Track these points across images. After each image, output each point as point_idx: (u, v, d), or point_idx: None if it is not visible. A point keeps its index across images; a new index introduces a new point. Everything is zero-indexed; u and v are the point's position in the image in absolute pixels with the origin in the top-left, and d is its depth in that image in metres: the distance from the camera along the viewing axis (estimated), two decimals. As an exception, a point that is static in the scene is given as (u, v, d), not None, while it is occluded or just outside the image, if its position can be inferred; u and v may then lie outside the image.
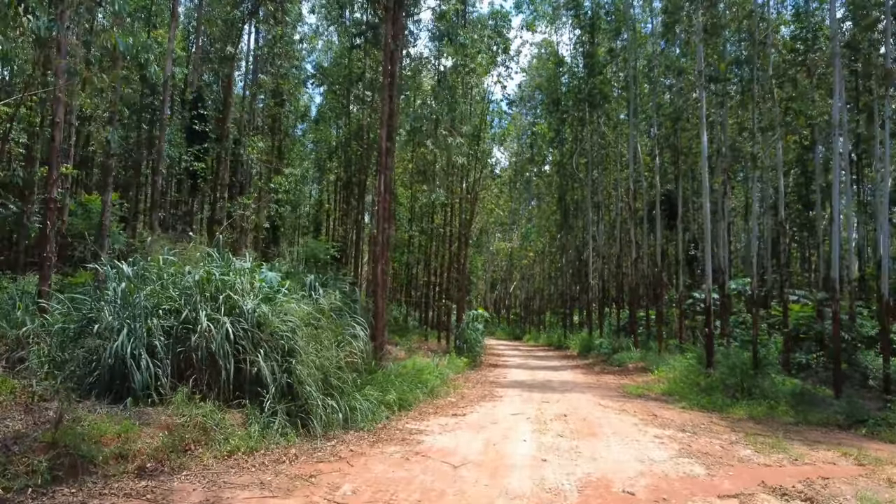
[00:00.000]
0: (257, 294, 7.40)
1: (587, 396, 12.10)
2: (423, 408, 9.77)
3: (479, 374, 16.64)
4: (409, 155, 25.86)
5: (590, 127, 27.22)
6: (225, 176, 14.83)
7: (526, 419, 9.12)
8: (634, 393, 13.07)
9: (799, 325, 16.62)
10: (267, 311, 7.13)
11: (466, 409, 10.06)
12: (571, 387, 13.84)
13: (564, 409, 10.21)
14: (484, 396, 11.81)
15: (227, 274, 7.36)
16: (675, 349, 19.12)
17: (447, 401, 10.86)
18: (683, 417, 10.12)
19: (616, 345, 21.36)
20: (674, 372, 15.00)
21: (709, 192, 14.16)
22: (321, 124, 26.69)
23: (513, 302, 57.42)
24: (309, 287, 8.99)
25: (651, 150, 25.25)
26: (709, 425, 9.52)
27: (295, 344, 7.12)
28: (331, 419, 7.18)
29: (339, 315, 8.77)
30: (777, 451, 7.76)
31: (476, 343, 19.36)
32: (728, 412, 10.94)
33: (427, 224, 25.80)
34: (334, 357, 7.65)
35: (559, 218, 35.04)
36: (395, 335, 22.52)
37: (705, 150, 14.10)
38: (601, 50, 26.03)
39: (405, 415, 8.95)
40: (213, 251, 8.06)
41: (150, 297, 6.91)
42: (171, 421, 6.03)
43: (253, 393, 6.87)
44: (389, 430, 7.80)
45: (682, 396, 12.49)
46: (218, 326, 6.71)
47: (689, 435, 8.54)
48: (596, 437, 7.96)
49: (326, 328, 7.83)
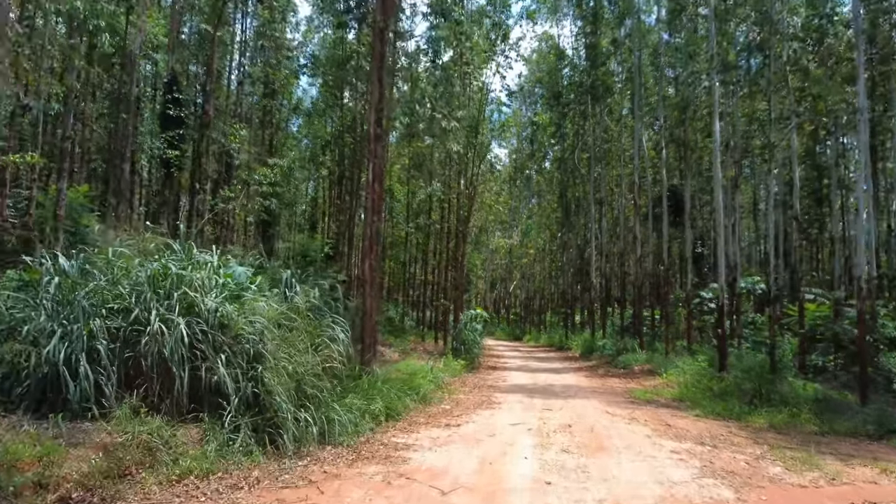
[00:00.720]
0: (221, 291, 6.50)
1: (592, 403, 11.21)
2: (414, 417, 8.88)
3: (477, 377, 15.75)
4: (406, 150, 25.01)
5: (592, 120, 26.33)
6: (207, 167, 13.94)
7: (527, 430, 8.23)
8: (643, 398, 12.18)
9: (816, 325, 15.73)
10: (231, 310, 6.24)
11: (461, 418, 9.16)
12: (575, 392, 12.95)
13: (569, 418, 9.32)
14: (481, 403, 10.92)
15: (187, 268, 6.46)
16: (682, 351, 18.24)
17: (441, 408, 9.97)
18: (699, 427, 9.22)
19: (620, 346, 20.46)
20: (684, 375, 14.12)
21: (721, 183, 13.27)
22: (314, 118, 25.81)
23: (513, 302, 56.51)
24: (285, 284, 8.12)
25: (656, 144, 24.36)
26: (728, 436, 8.63)
27: (263, 348, 6.23)
28: (304, 434, 6.29)
29: (319, 315, 7.87)
30: (810, 469, 6.87)
31: (474, 344, 18.47)
32: (746, 420, 10.05)
33: (424, 220, 24.90)
34: (310, 362, 6.76)
35: (560, 215, 34.15)
36: (390, 336, 21.63)
37: (717, 140, 13.22)
38: (604, 41, 25.12)
39: (392, 426, 8.06)
40: (175, 243, 7.16)
41: (92, 294, 6.02)
42: (109, 440, 5.14)
43: (213, 405, 5.99)
44: (372, 445, 6.91)
45: (694, 402, 11.60)
46: (172, 328, 5.82)
47: (709, 449, 7.64)
48: (605, 453, 7.07)
49: (302, 330, 6.94)
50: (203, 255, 7.00)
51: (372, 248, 10.91)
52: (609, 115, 26.17)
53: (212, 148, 13.98)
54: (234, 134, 13.43)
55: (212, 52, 13.45)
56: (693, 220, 22.26)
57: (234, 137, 13.44)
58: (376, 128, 11.05)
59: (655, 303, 23.81)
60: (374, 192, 10.95)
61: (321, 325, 7.33)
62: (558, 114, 30.11)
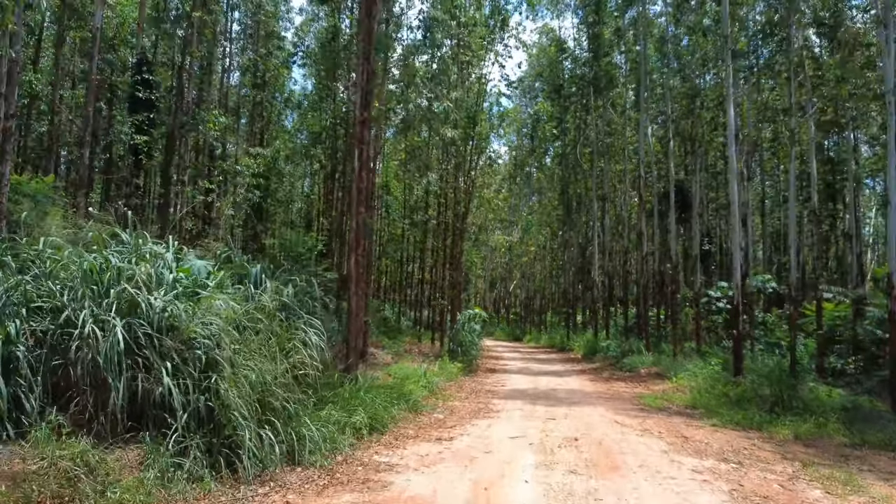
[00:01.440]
0: (172, 288, 5.60)
1: (599, 411, 10.29)
2: (402, 429, 7.96)
3: (475, 381, 14.84)
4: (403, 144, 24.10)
5: (595, 113, 25.42)
6: (185, 156, 13.02)
7: (528, 445, 7.31)
8: (653, 405, 11.26)
9: (835, 325, 14.82)
10: (182, 310, 5.33)
11: (455, 429, 8.25)
12: (580, 397, 12.04)
13: (574, 430, 8.41)
14: (478, 411, 10.01)
15: (132, 261, 5.55)
16: (691, 353, 17.33)
17: (433, 418, 9.06)
18: (719, 439, 8.31)
19: (625, 347, 19.55)
20: (695, 380, 13.21)
21: (736, 172, 12.37)
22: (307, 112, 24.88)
23: (513, 301, 55.59)
24: (254, 280, 7.21)
25: (662, 138, 23.46)
26: (753, 451, 7.72)
27: (219, 354, 5.32)
28: (268, 455, 5.37)
29: (293, 316, 6.96)
30: (853, 492, 5.97)
31: (472, 346, 17.57)
32: (768, 430, 9.13)
33: (420, 216, 23.98)
34: (278, 370, 5.85)
35: (561, 213, 33.23)
36: (384, 337, 20.75)
37: (732, 126, 12.31)
38: (607, 31, 24.20)
39: (376, 440, 7.14)
40: (124, 232, 6.24)
41: (11, 290, 5.11)
42: (21, 467, 4.23)
43: (159, 422, 5.08)
44: (350, 466, 5.99)
45: (709, 410, 10.68)
46: (108, 330, 4.91)
47: (734, 467, 6.73)
48: (619, 474, 6.16)
49: (268, 333, 6.03)
50: (154, 246, 6.08)
51: (358, 242, 10.01)
52: (612, 108, 25.26)
53: (191, 136, 13.06)
54: (214, 121, 12.52)
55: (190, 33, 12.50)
56: (700, 217, 21.35)
57: (214, 125, 12.53)
58: (363, 111, 10.14)
59: (661, 302, 22.91)
60: (362, 181, 10.05)
61: (293, 327, 6.41)
62: (559, 107, 29.24)
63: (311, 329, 6.43)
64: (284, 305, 6.71)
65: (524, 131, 41.15)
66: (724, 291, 20.44)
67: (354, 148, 9.35)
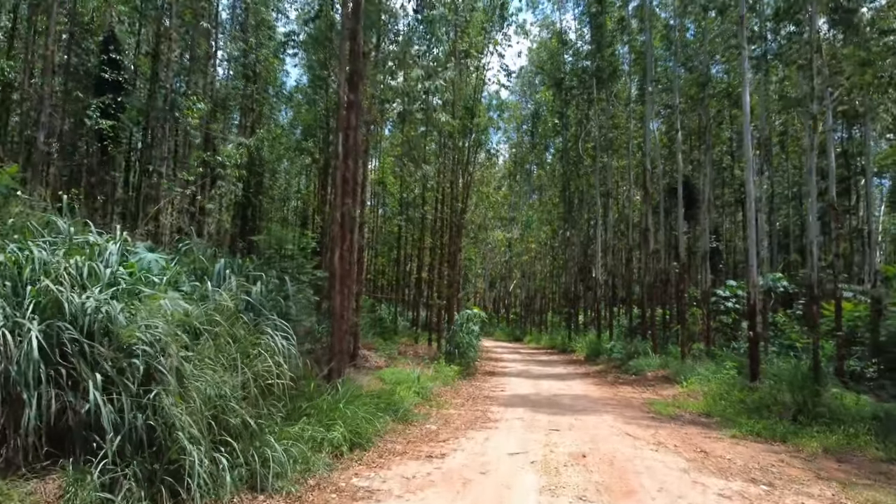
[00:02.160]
0: (112, 284, 4.75)
1: (608, 420, 9.44)
2: (389, 443, 7.11)
3: (473, 385, 14.00)
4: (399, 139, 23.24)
5: (597, 106, 24.56)
6: (164, 147, 12.13)
7: (530, 464, 6.46)
8: (664, 413, 10.41)
9: (855, 326, 13.97)
10: (119, 311, 4.48)
11: (448, 444, 7.40)
12: (585, 404, 11.18)
13: (582, 443, 7.56)
14: (475, 421, 9.16)
15: (62, 253, 4.70)
16: (701, 355, 16.47)
17: (424, 429, 8.21)
18: (742, 454, 7.46)
19: (631, 349, 18.69)
20: (708, 384, 12.36)
21: (752, 161, 11.52)
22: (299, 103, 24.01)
23: (512, 301, 54.73)
24: (217, 276, 6.35)
25: (668, 130, 22.62)
26: (782, 468, 6.87)
27: (164, 364, 4.47)
28: (222, 482, 4.52)
29: (262, 318, 6.11)
30: (908, 521, 5.13)
31: (469, 347, 16.71)
32: (794, 443, 8.28)
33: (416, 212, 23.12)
34: (238, 381, 5.00)
35: (563, 210, 32.37)
36: (379, 338, 19.89)
37: (748, 112, 11.46)
38: (610, 20, 23.35)
39: (358, 459, 6.29)
40: (62, 219, 5.39)
41: None
42: None
43: (87, 446, 4.23)
44: (322, 492, 5.14)
45: (726, 418, 9.85)
46: (21, 336, 4.07)
47: (765, 490, 5.89)
48: (635, 500, 5.31)
49: (228, 337, 5.18)
50: (95, 237, 5.23)
51: (344, 236, 9.16)
52: (616, 99, 24.41)
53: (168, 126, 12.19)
54: (191, 108, 11.66)
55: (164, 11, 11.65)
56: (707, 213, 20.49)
57: (192, 111, 11.68)
58: (351, 93, 9.30)
59: (667, 302, 22.07)
60: (347, 170, 9.20)
61: (260, 330, 5.56)
62: (561, 101, 28.41)
63: (279, 333, 5.56)
64: (252, 306, 5.85)
65: (524, 128, 40.37)
66: (732, 290, 19.61)
67: (339, 131, 8.50)
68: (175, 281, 5.50)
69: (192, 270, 6.24)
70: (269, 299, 6.58)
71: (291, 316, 6.80)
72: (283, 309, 6.77)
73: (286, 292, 7.27)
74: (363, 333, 18.13)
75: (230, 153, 11.42)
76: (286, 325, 5.76)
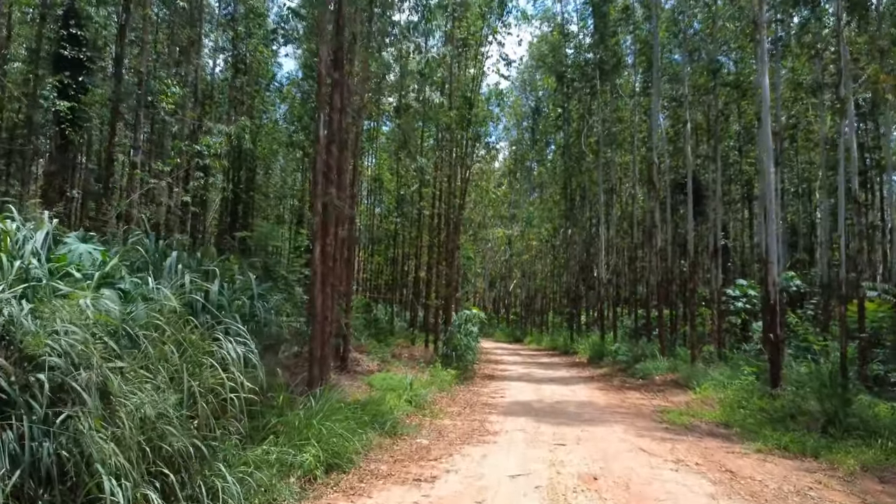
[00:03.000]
0: (21, 281, 3.89)
1: (618, 432, 8.57)
2: (372, 463, 6.25)
3: (471, 390, 13.14)
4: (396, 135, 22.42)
5: (601, 99, 23.70)
6: (138, 135, 11.29)
7: (534, 489, 5.59)
8: (679, 423, 9.54)
9: (880, 327, 13.10)
10: (24, 313, 3.62)
11: (440, 462, 6.53)
12: (592, 413, 10.31)
13: (591, 461, 6.69)
14: (471, 433, 8.29)
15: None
16: (712, 358, 15.60)
17: (415, 445, 7.34)
18: (773, 474, 6.60)
19: (637, 352, 17.83)
20: (724, 391, 11.49)
21: (771, 150, 10.67)
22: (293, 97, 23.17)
23: (513, 301, 53.86)
24: (169, 271, 5.47)
25: (675, 123, 21.76)
26: (820, 492, 6.01)
27: (83, 379, 3.61)
28: (155, 525, 3.65)
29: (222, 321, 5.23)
30: None
31: (467, 350, 15.85)
32: (828, 459, 7.40)
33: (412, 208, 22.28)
34: (185, 397, 4.14)
35: (564, 208, 31.51)
36: (373, 340, 19.02)
37: (766, 96, 10.59)
38: (614, 9, 22.49)
39: (334, 484, 5.42)
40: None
41: None
42: None
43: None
44: (285, 531, 4.29)
45: (746, 429, 8.98)
46: None
47: (810, 522, 5.03)
48: (661, 539, 4.45)
49: (175, 345, 4.32)
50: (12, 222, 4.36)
51: (327, 230, 8.30)
52: (620, 91, 23.54)
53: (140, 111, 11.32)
54: (165, 92, 10.79)
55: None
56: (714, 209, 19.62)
57: (166, 96, 10.81)
58: (334, 72, 8.44)
59: (673, 302, 21.22)
60: (331, 156, 8.35)
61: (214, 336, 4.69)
62: (562, 95, 27.57)
63: (231, 340, 4.68)
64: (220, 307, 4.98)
65: (524, 125, 39.50)
66: (743, 290, 18.75)
67: (318, 112, 7.63)
68: (112, 277, 4.65)
69: (141, 265, 5.37)
70: (232, 299, 5.73)
71: (260, 318, 5.96)
72: (250, 311, 5.93)
73: (251, 292, 6.39)
74: (356, 335, 17.28)
75: (209, 142, 10.56)
76: (242, 329, 4.88)
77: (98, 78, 12.00)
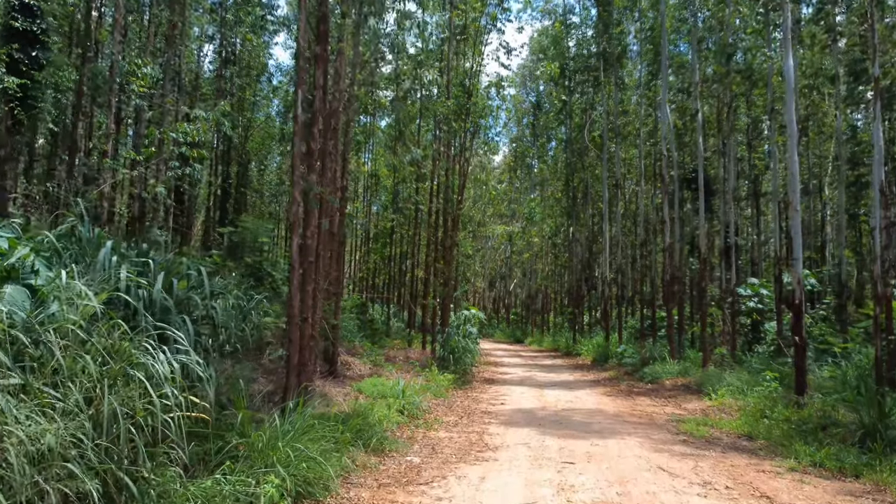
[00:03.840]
0: None
1: (632, 446, 7.69)
2: (353, 489, 5.38)
3: (469, 396, 12.28)
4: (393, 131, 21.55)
5: (605, 90, 22.83)
6: (111, 123, 10.42)
7: (541, 524, 4.72)
8: (699, 435, 8.67)
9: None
10: None
11: (432, 487, 5.66)
12: (602, 423, 9.43)
13: (606, 486, 5.81)
14: (469, 448, 7.41)
15: None
16: (724, 361, 14.74)
17: (404, 464, 6.47)
18: (813, 497, 5.74)
19: (644, 354, 16.96)
20: (743, 398, 10.63)
21: (796, 135, 9.80)
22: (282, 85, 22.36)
23: (513, 301, 52.99)
24: (102, 264, 4.59)
25: (681, 116, 20.90)
26: (877, 523, 5.14)
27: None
28: None
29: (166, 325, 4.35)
30: None
31: (466, 352, 14.99)
32: (872, 479, 6.52)
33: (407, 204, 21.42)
34: (103, 421, 3.26)
35: (566, 205, 30.62)
36: (368, 342, 18.14)
37: (791, 74, 9.71)
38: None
39: (303, 518, 4.55)
40: None
41: None
42: None
43: None
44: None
45: (773, 443, 8.11)
46: None
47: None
48: None
49: (98, 355, 3.44)
50: None
51: (308, 220, 7.42)
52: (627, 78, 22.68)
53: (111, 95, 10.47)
54: (135, 72, 9.90)
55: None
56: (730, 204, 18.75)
57: (136, 77, 9.93)
58: (316, 45, 7.58)
59: (682, 301, 20.32)
60: (313, 138, 7.47)
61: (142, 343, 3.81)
62: (564, 88, 26.71)
63: (150, 345, 3.80)
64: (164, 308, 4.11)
65: (525, 121, 38.65)
66: (755, 289, 17.89)
67: (297, 89, 6.76)
68: (19, 270, 3.79)
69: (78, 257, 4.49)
70: (182, 297, 4.87)
71: (217, 321, 5.10)
72: (203, 311, 5.06)
73: (203, 291, 5.47)
74: (349, 337, 16.42)
75: (185, 129, 9.68)
76: (179, 335, 4.01)
77: (66, 56, 11.13)
